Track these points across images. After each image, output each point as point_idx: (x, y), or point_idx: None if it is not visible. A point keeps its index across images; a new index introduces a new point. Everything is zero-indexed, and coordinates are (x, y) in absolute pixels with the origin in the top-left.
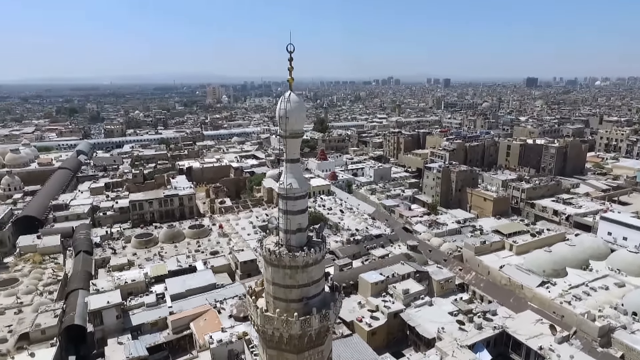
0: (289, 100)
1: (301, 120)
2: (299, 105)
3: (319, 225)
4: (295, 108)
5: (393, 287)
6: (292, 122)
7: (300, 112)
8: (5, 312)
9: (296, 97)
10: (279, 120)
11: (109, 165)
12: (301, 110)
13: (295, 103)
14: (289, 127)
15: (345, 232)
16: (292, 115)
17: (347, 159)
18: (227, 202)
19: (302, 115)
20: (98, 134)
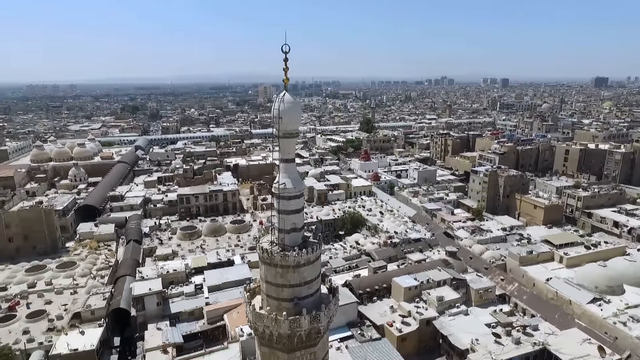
0: (283, 101)
1: (295, 121)
2: (293, 105)
3: (316, 227)
4: (289, 108)
5: (427, 293)
6: (286, 122)
7: (293, 112)
8: (63, 292)
9: (290, 98)
10: (272, 120)
11: (163, 160)
12: (295, 111)
13: (289, 103)
14: (282, 127)
15: (384, 235)
16: (285, 115)
17: (391, 160)
18: (269, 199)
19: (296, 115)
20: (156, 131)
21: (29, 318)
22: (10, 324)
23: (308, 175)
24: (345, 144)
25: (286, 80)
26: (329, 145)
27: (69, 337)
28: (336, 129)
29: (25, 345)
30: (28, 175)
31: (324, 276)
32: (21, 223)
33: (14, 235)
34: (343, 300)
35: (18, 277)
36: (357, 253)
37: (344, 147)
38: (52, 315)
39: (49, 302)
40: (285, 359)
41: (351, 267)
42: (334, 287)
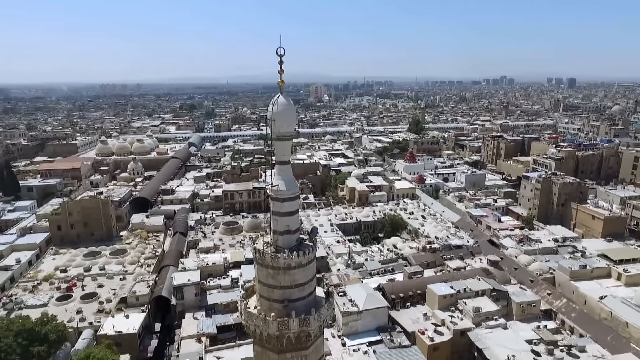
0: (277, 103)
1: (289, 123)
2: (287, 108)
3: (311, 229)
4: (282, 111)
5: (463, 302)
6: (279, 124)
7: (287, 115)
8: (113, 277)
9: (284, 100)
10: (266, 122)
11: (213, 157)
12: (288, 113)
13: (282, 106)
14: (275, 130)
15: (424, 239)
16: (278, 118)
17: (438, 162)
18: (310, 199)
19: (289, 118)
20: (209, 129)
21: (83, 299)
22: (67, 303)
23: (351, 176)
24: (391, 144)
25: (281, 82)
26: (374, 146)
27: (115, 320)
28: (384, 130)
29: (78, 324)
30: (93, 168)
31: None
32: (82, 211)
33: (75, 223)
34: (373, 304)
35: (77, 260)
36: (394, 257)
37: (389, 148)
38: (102, 298)
39: (100, 286)
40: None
41: (387, 271)
42: (330, 291)
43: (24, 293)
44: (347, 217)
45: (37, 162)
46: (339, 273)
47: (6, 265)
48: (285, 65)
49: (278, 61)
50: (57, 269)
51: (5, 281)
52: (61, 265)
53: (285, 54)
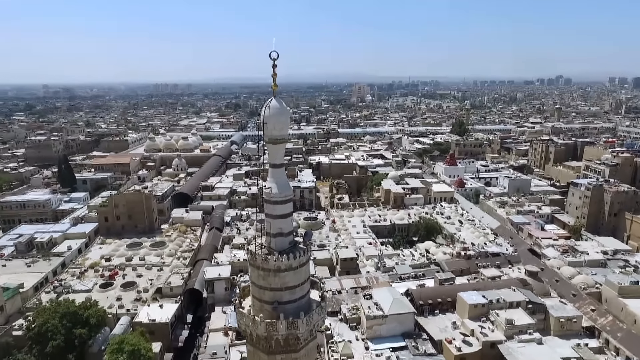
0: (269, 107)
1: (281, 127)
2: (278, 111)
3: (305, 233)
4: (273, 114)
5: (496, 313)
6: (271, 128)
7: (279, 118)
8: (152, 268)
9: (276, 104)
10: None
11: (253, 155)
12: (280, 117)
13: (274, 109)
14: (267, 133)
15: (459, 245)
16: (270, 121)
17: (481, 165)
18: (345, 199)
19: (281, 121)
20: (252, 127)
21: (123, 287)
22: (108, 290)
23: (387, 177)
24: (432, 146)
25: (274, 86)
26: (415, 148)
27: (150, 309)
28: (425, 131)
29: (117, 310)
30: (141, 163)
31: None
32: (127, 204)
33: (121, 215)
34: (399, 309)
35: (120, 250)
36: (425, 262)
37: (430, 149)
38: (140, 287)
39: (139, 276)
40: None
41: (417, 276)
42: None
43: (72, 278)
44: (381, 219)
45: (92, 156)
46: (368, 275)
47: (59, 252)
48: (330, 65)
49: (271, 65)
50: (102, 258)
51: (57, 266)
52: (106, 254)
53: (278, 57)
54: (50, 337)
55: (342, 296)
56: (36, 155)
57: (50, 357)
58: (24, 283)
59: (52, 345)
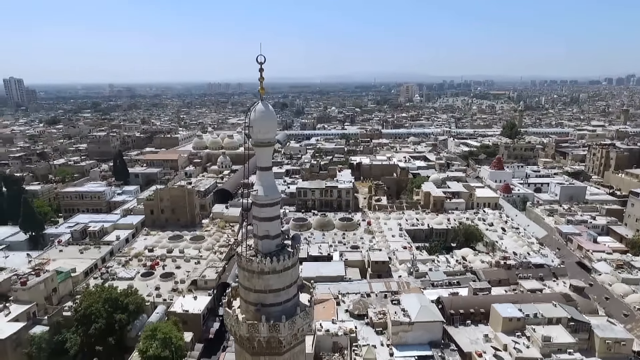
0: (255, 110)
1: (266, 130)
2: (264, 115)
3: (293, 236)
4: (259, 117)
5: (532, 328)
6: (256, 131)
7: (264, 122)
8: (190, 260)
9: (262, 108)
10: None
11: (295, 154)
12: (266, 121)
13: (260, 113)
14: (253, 136)
15: (500, 254)
16: (255, 124)
17: (531, 170)
18: (383, 201)
19: (267, 125)
20: (296, 127)
21: (162, 277)
22: (149, 279)
23: (428, 180)
24: (479, 149)
25: (262, 90)
26: (460, 150)
27: (184, 299)
28: (473, 133)
29: (154, 299)
30: (188, 160)
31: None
32: (171, 199)
33: (165, 208)
34: (427, 316)
35: (162, 242)
36: (461, 269)
37: (476, 152)
38: (177, 279)
39: (178, 267)
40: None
41: (451, 284)
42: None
43: (118, 266)
44: (418, 223)
45: (145, 152)
46: (400, 280)
47: (108, 241)
48: (380, 64)
49: (258, 69)
50: (146, 248)
51: (105, 254)
52: (149, 245)
53: (265, 61)
54: (94, 320)
55: (370, 299)
56: (96, 150)
57: (93, 338)
58: (76, 268)
59: (95, 328)
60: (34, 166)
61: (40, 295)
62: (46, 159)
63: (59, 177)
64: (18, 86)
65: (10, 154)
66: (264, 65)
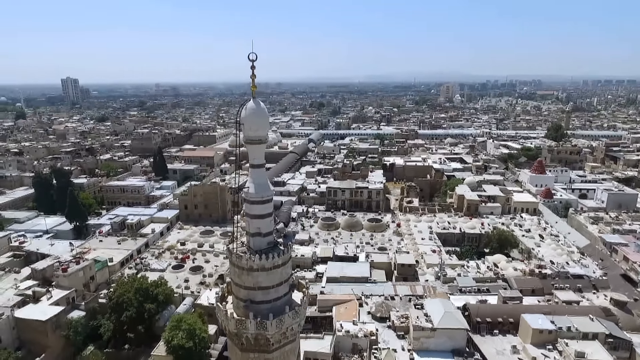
0: (246, 108)
1: (257, 128)
2: (254, 113)
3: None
4: (249, 115)
5: (565, 342)
6: (247, 128)
7: (255, 119)
8: (219, 255)
9: (253, 105)
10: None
11: (329, 153)
12: (256, 118)
13: (250, 110)
14: (244, 134)
15: (535, 262)
16: (246, 121)
17: (577, 175)
18: (415, 203)
19: (257, 122)
20: (332, 126)
21: (191, 271)
22: (179, 272)
23: (463, 183)
24: (519, 151)
25: (253, 87)
26: (500, 152)
27: (211, 293)
28: (515, 135)
29: (183, 291)
30: (224, 157)
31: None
32: (204, 195)
33: (198, 204)
34: (450, 323)
35: (194, 237)
36: (492, 276)
37: (516, 155)
38: (206, 272)
39: (207, 261)
40: (240, 357)
41: (480, 290)
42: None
43: (151, 258)
44: (450, 226)
45: (184, 149)
46: (426, 284)
47: (144, 233)
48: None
49: (250, 66)
50: (178, 242)
51: (141, 246)
52: (182, 239)
53: (257, 59)
54: (125, 308)
55: (394, 303)
56: (139, 146)
57: (125, 326)
58: (113, 258)
59: (126, 315)
60: (82, 160)
61: (79, 282)
62: (94, 154)
63: (104, 172)
64: (74, 86)
65: (62, 149)
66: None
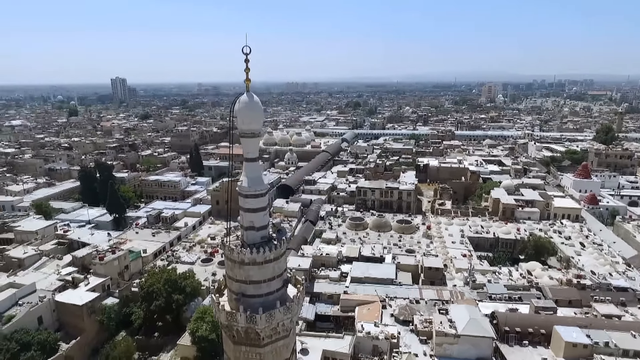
0: (239, 101)
1: (250, 121)
2: (248, 106)
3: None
4: (242, 109)
5: (601, 358)
6: (240, 122)
7: (248, 113)
8: None
9: (246, 99)
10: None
11: (361, 153)
12: (249, 112)
13: (243, 104)
14: (238, 127)
15: (574, 271)
16: (239, 114)
17: (627, 181)
18: (447, 205)
19: (250, 116)
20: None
21: (219, 265)
22: (207, 265)
23: (500, 186)
24: (563, 155)
25: (248, 81)
26: (542, 155)
27: None
28: (560, 137)
29: (210, 284)
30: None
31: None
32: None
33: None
34: (475, 331)
35: (224, 232)
36: (525, 284)
37: (559, 158)
38: None
39: None
40: (232, 349)
41: (511, 299)
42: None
43: (182, 251)
44: (483, 230)
45: (220, 146)
46: (453, 289)
47: (177, 227)
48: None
49: (244, 59)
50: (209, 236)
51: (173, 239)
52: (212, 233)
53: (251, 52)
54: (155, 298)
55: (418, 306)
56: (178, 143)
57: (155, 315)
58: (147, 249)
59: (156, 305)
60: (125, 155)
61: (115, 270)
62: (136, 150)
63: (144, 167)
64: (122, 85)
65: (107, 144)
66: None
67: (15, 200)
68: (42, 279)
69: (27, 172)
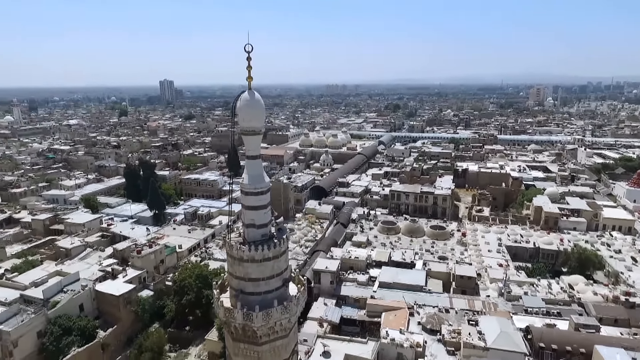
0: (240, 99)
1: (250, 118)
2: (248, 104)
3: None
4: (243, 106)
5: None
6: (241, 119)
7: (249, 110)
8: None
9: (247, 96)
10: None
11: (398, 156)
12: (250, 109)
13: (244, 101)
14: (240, 124)
15: (623, 287)
16: (240, 112)
17: None
18: (485, 212)
19: (251, 114)
20: (406, 129)
21: None
22: None
23: (543, 193)
24: (617, 162)
25: (250, 79)
26: (592, 162)
27: None
28: (614, 143)
29: None
30: (293, 156)
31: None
32: None
33: None
34: (507, 345)
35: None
36: (566, 299)
37: (612, 165)
38: None
39: None
40: (231, 345)
41: (549, 313)
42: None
43: (216, 248)
44: (523, 239)
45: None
46: (486, 300)
47: (212, 224)
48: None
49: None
50: None
51: (208, 236)
52: None
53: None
54: (186, 292)
55: (448, 316)
56: (218, 143)
57: (186, 309)
58: (182, 245)
59: (187, 299)
60: (168, 154)
61: (151, 264)
62: (178, 149)
63: (185, 165)
64: (169, 87)
65: (152, 143)
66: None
67: (67, 195)
68: (85, 269)
69: (80, 168)
